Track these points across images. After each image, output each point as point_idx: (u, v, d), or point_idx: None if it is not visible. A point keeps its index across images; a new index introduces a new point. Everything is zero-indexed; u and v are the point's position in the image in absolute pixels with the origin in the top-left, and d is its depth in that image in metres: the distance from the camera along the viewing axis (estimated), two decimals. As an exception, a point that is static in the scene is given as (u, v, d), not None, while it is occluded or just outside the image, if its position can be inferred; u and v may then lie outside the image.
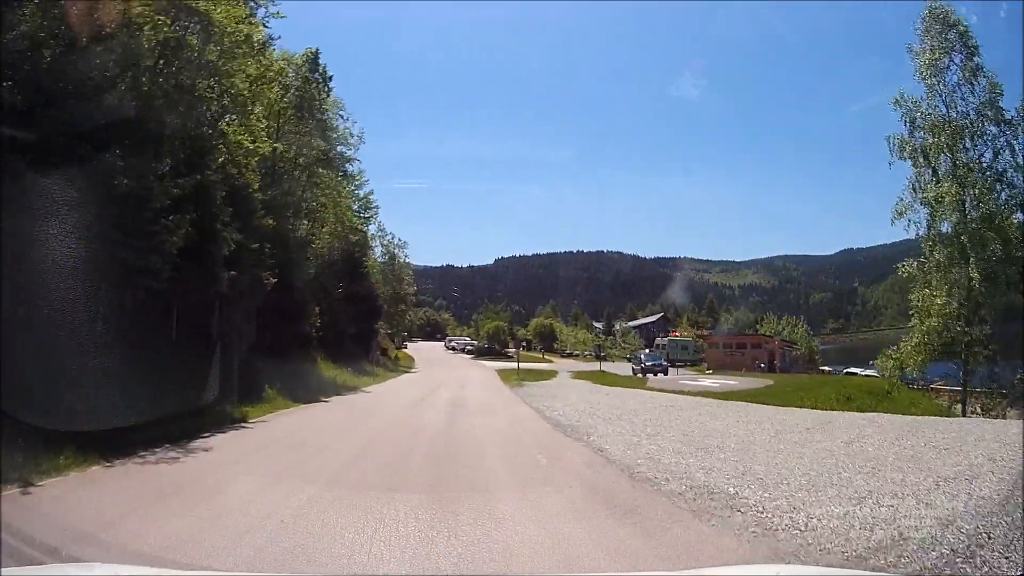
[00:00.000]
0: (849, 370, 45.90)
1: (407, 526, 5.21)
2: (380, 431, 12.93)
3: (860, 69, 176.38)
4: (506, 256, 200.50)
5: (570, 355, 64.31)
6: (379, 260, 43.82)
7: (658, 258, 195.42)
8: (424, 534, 4.99)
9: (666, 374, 39.13)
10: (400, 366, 44.28)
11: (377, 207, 38.05)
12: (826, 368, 51.94)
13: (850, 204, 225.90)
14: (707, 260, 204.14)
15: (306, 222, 34.11)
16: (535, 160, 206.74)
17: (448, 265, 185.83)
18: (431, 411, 16.51)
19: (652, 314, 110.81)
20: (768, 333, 51.43)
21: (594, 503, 6.28)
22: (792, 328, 53.64)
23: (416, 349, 71.62)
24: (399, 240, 46.39)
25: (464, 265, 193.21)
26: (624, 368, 45.22)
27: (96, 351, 9.56)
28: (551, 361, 54.48)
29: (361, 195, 37.63)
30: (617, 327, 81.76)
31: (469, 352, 66.26)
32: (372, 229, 40.76)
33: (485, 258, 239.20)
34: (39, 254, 8.63)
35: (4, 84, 8.53)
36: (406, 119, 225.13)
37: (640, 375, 38.45)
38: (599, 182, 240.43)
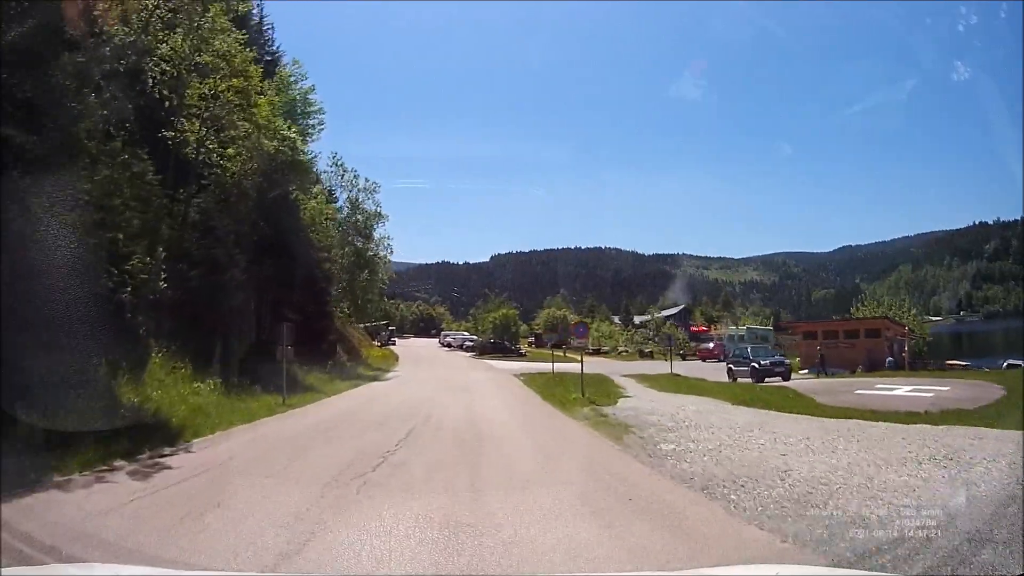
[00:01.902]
0: (1012, 361, 30.72)
1: None
2: None
3: (857, 70, 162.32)
4: (503, 253, 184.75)
5: (597, 352, 47.95)
6: (337, 209, 26.99)
7: (657, 255, 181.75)
8: None
9: (787, 378, 23.05)
10: (372, 369, 27.73)
11: (322, 112, 21.61)
12: (954, 361, 36.15)
13: (848, 202, 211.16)
14: (706, 257, 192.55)
15: (197, 124, 18.50)
16: (533, 159, 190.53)
17: (444, 262, 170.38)
18: None
19: (664, 308, 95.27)
20: (884, 315, 35.17)
21: None
22: (899, 311, 37.66)
23: (405, 346, 55.40)
24: (367, 181, 29.56)
25: (460, 262, 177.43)
26: (684, 368, 28.87)
27: None
28: (577, 360, 38.09)
29: (295, 93, 21.24)
30: (650, 317, 65.36)
31: (469, 349, 49.60)
32: (317, 151, 24.06)
33: (482, 255, 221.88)
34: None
35: None
36: (402, 119, 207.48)
37: (751, 379, 22.36)
38: (597, 180, 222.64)
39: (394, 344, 54.38)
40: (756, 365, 22.81)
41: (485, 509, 4.97)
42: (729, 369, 24.32)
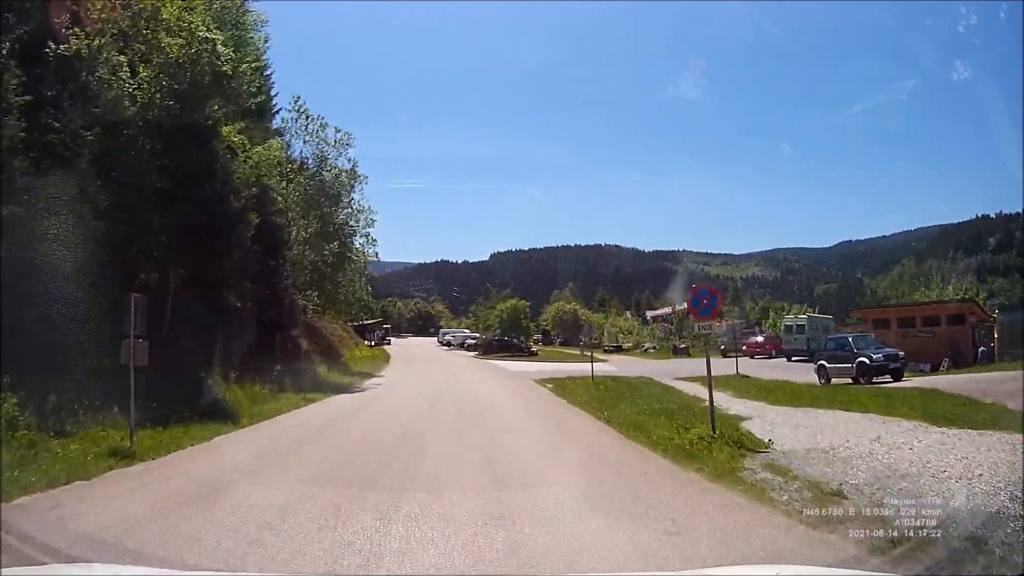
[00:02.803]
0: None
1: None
2: None
3: (857, 70, 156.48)
4: (502, 251, 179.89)
5: (618, 349, 41.57)
6: (302, 162, 20.14)
7: (657, 251, 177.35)
8: None
9: (899, 377, 16.74)
10: (350, 374, 21.24)
11: (265, 23, 15.08)
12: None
13: (848, 200, 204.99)
14: (707, 253, 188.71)
15: (93, 37, 11.76)
16: (530, 158, 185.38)
17: (442, 260, 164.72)
18: None
19: (668, 304, 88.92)
20: (968, 298, 28.69)
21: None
22: (965, 294, 31.41)
23: (401, 346, 49.13)
24: (338, 132, 21.41)
25: (459, 260, 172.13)
26: (726, 365, 22.01)
27: None
28: (603, 360, 31.66)
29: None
30: (671, 310, 59.05)
31: (471, 348, 43.11)
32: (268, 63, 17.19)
33: (481, 254, 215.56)
34: None
35: None
36: (399, 119, 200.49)
37: (860, 379, 16.04)
38: (596, 180, 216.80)
39: (388, 343, 48.04)
40: (866, 360, 16.39)
41: None
42: (820, 367, 17.89)
